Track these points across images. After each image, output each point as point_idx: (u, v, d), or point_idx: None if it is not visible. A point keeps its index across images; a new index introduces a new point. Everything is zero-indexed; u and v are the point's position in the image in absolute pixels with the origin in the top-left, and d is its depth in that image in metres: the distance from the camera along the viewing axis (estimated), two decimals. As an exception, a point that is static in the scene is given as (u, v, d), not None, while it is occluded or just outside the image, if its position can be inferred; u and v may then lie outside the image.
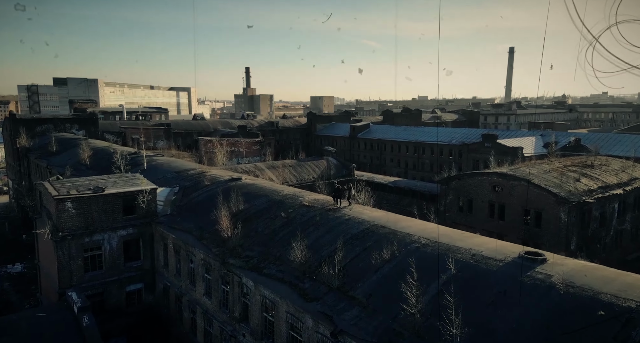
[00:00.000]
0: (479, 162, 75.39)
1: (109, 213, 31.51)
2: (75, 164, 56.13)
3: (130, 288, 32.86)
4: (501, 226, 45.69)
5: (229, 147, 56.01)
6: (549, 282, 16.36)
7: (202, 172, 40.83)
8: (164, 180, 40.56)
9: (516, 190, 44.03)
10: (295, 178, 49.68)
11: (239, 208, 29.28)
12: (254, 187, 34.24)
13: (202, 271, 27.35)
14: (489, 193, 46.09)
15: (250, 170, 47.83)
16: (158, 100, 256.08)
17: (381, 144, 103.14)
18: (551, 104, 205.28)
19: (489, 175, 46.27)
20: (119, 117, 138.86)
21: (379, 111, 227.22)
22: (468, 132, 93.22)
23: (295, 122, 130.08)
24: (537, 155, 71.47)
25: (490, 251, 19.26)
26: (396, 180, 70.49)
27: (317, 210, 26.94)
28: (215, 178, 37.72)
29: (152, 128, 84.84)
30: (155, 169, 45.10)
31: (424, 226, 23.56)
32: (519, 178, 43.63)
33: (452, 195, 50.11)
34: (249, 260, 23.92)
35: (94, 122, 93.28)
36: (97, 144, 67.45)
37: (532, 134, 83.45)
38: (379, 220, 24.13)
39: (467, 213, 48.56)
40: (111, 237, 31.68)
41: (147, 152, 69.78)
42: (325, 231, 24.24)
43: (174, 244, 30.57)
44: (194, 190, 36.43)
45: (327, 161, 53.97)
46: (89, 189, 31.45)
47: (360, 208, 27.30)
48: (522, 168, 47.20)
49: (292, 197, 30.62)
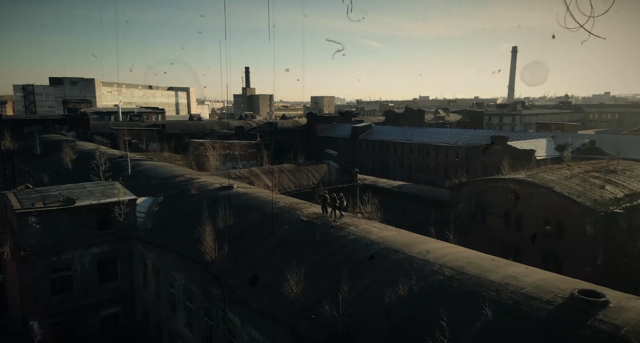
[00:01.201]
0: (488, 166, 71.59)
1: (81, 229, 27.70)
2: (58, 169, 52.38)
3: (106, 312, 29.06)
4: (518, 237, 41.88)
5: (222, 150, 52.17)
6: (619, 337, 12.52)
7: (190, 178, 37.04)
8: (149, 188, 36.78)
9: (535, 199, 40.21)
10: (294, 184, 45.87)
11: (228, 224, 25.47)
12: (246, 197, 30.44)
13: (184, 298, 23.55)
14: (505, 202, 42.27)
15: (245, 176, 44.02)
16: (156, 100, 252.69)
17: (384, 145, 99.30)
18: (556, 104, 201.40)
19: (505, 182, 42.40)
20: (114, 118, 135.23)
21: (380, 111, 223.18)
22: (475, 134, 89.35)
23: (295, 122, 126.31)
24: (549, 158, 67.68)
25: (533, 288, 15.41)
26: (401, 185, 66.60)
27: (317, 227, 23.16)
28: (204, 187, 33.93)
29: (145, 129, 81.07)
30: (140, 175, 41.33)
31: (445, 249, 19.72)
32: (539, 186, 39.76)
33: (464, 203, 46.25)
34: (236, 290, 20.09)
35: (85, 123, 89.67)
36: (85, 146, 63.66)
37: (543, 136, 79.55)
38: (391, 242, 20.32)
39: (480, 223, 44.72)
40: (83, 256, 27.86)
41: (137, 155, 66.00)
42: (327, 254, 20.43)
43: (153, 265, 26.77)
44: (180, 199, 32.64)
45: (328, 165, 50.15)
46: (57, 201, 27.64)
47: (367, 224, 23.48)
48: (540, 174, 43.34)
49: (289, 209, 26.84)
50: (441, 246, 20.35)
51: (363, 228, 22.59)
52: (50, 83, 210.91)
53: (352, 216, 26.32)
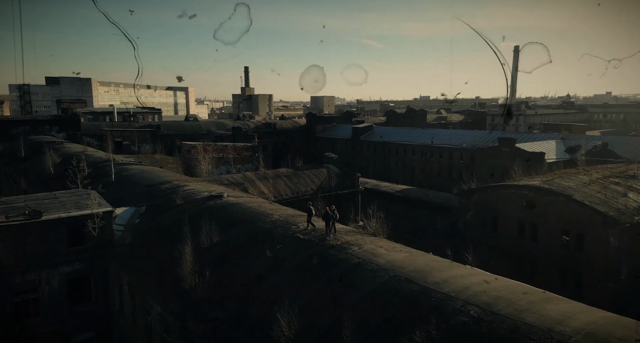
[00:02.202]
0: (495, 169, 68.43)
1: (49, 245, 24.56)
2: (39, 173, 49.27)
3: (78, 338, 25.91)
4: (533, 249, 38.74)
5: (215, 153, 49.00)
6: None
7: (177, 186, 33.89)
8: (132, 196, 33.65)
9: (553, 207, 37.10)
10: (291, 190, 42.72)
11: (213, 241, 22.35)
12: (236, 208, 27.30)
13: (161, 329, 20.41)
14: (519, 210, 39.17)
15: (238, 182, 40.87)
16: (155, 100, 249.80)
17: (385, 146, 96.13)
18: (560, 104, 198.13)
19: (519, 189, 39.23)
20: (109, 118, 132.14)
21: (381, 111, 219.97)
22: (480, 135, 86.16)
23: (294, 123, 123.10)
24: (561, 161, 64.54)
25: (583, 336, 12.26)
26: (404, 189, 63.50)
27: (315, 247, 20.03)
28: (190, 195, 30.78)
29: (137, 130, 77.89)
30: (125, 181, 38.20)
31: (466, 278, 16.57)
32: (557, 194, 36.60)
33: (474, 211, 43.08)
34: (218, 326, 16.95)
35: (75, 124, 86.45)
36: (72, 148, 60.51)
37: (551, 138, 76.37)
38: (402, 268, 17.19)
39: (491, 232, 41.57)
40: (51, 276, 24.73)
41: (127, 157, 62.89)
42: (326, 283, 17.30)
43: (129, 287, 23.63)
44: (164, 210, 29.49)
45: (327, 170, 47.00)
46: (22, 214, 24.49)
47: (372, 244, 20.34)
48: (556, 180, 40.17)
49: (284, 223, 23.70)
50: (461, 273, 17.18)
51: (368, 248, 19.46)
52: (46, 82, 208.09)
53: (355, 231, 23.22)
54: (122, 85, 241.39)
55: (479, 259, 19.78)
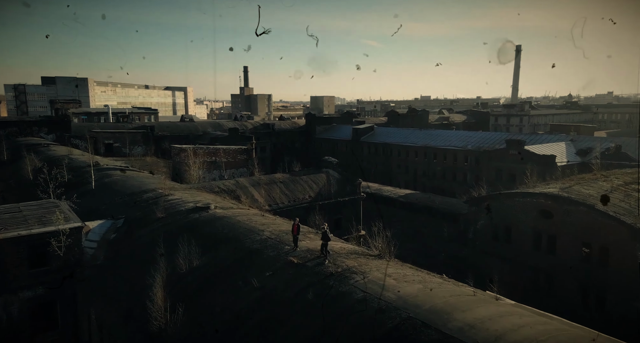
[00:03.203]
0: (502, 172, 65.28)
1: (7, 267, 21.43)
2: (20, 179, 46.12)
3: (42, 372, 22.75)
4: (551, 262, 35.59)
5: (207, 157, 45.85)
6: None
7: (161, 195, 30.75)
8: (111, 207, 30.52)
9: (572, 217, 33.97)
10: (287, 198, 39.54)
11: (192, 265, 19.22)
12: (223, 222, 24.16)
13: (128, 373, 17.28)
14: (535, 219, 36.04)
15: (230, 189, 37.70)
16: (153, 100, 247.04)
17: (387, 148, 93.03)
18: (563, 104, 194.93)
19: (535, 197, 36.03)
20: (104, 119, 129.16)
21: (382, 111, 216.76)
22: (485, 136, 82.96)
23: (293, 123, 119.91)
24: (572, 164, 61.40)
25: None
26: (408, 194, 60.35)
27: (311, 275, 16.91)
28: (174, 207, 27.65)
29: (129, 132, 74.69)
30: (105, 189, 35.07)
31: (499, 321, 13.39)
32: (578, 203, 33.44)
33: (484, 220, 39.93)
34: (190, 380, 13.81)
35: (66, 125, 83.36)
36: (58, 151, 57.37)
37: (560, 139, 73.16)
38: (416, 307, 14.04)
39: (504, 243, 38.44)
40: (9, 302, 21.59)
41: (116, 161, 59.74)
42: (325, 327, 14.12)
43: (96, 317, 20.49)
44: (144, 224, 26.36)
45: (327, 175, 43.82)
46: (-24, 231, 21.34)
47: (378, 270, 17.20)
48: (574, 187, 37.01)
49: (276, 242, 20.57)
50: (489, 313, 14.00)
51: (374, 278, 16.31)
52: (42, 82, 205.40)
53: (357, 253, 20.09)
54: (119, 85, 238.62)
55: (499, 286, 16.67)
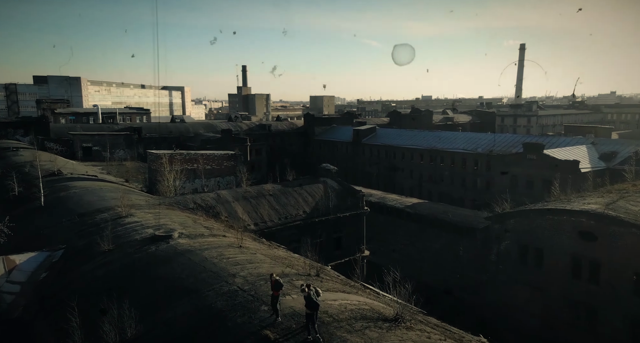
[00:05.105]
0: (518, 179, 59.23)
1: None
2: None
3: None
4: (593, 294, 29.61)
5: (187, 165, 39.89)
6: None
7: (117, 216, 24.79)
8: (55, 232, 24.59)
9: (621, 241, 28.06)
10: (278, 214, 33.51)
11: (124, 337, 13.22)
12: (183, 261, 18.20)
13: None
14: (573, 242, 30.10)
15: (209, 205, 31.68)
16: (149, 100, 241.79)
17: (390, 151, 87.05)
18: (571, 104, 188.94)
19: (574, 215, 30.00)
20: (94, 119, 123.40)
21: (383, 111, 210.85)
22: (497, 138, 76.82)
23: (290, 124, 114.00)
24: (596, 170, 55.40)
25: None
26: (415, 204, 54.28)
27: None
28: (127, 235, 21.70)
29: (110, 134, 68.69)
30: (55, 207, 29.06)
31: None
32: (629, 224, 27.46)
33: (510, 240, 33.92)
34: None
35: (44, 127, 77.41)
36: (24, 157, 51.36)
37: (580, 142, 67.07)
38: None
39: (535, 270, 32.40)
40: None
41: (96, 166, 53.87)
42: None
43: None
44: (84, 259, 20.40)
45: (324, 185, 37.82)
46: None
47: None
48: (619, 201, 31.00)
49: (248, 299, 14.65)
50: None
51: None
52: (34, 82, 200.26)
53: (364, 319, 14.20)
54: (114, 84, 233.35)
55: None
